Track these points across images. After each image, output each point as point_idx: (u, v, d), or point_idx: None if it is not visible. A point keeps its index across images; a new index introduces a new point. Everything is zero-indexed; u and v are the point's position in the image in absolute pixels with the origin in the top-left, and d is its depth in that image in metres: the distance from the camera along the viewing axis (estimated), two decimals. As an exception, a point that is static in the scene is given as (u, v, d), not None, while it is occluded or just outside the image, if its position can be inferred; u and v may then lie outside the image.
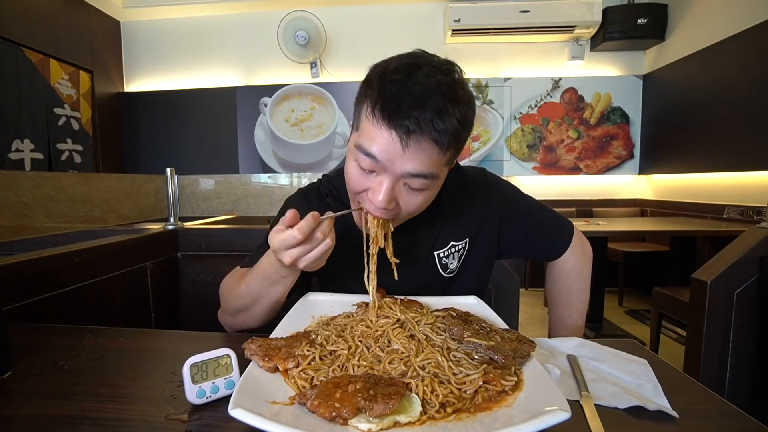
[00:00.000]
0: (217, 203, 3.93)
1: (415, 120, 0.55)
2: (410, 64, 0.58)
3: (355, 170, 0.63)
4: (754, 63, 2.55)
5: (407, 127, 0.55)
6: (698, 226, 2.51)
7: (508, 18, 3.31)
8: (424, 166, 0.58)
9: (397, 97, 0.55)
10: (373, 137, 0.58)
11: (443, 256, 0.79)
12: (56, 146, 3.09)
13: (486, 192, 0.82)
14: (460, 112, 0.57)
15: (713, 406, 0.47)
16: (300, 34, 3.35)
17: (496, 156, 3.74)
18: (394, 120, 0.55)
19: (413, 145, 0.56)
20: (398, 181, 0.60)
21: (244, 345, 0.50)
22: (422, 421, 0.40)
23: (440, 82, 0.56)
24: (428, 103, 0.55)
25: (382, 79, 0.58)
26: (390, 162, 0.58)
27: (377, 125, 0.57)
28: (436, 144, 0.57)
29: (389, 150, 0.57)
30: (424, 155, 0.57)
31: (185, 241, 1.36)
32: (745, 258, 1.23)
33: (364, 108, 0.60)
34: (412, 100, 0.55)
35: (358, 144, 0.60)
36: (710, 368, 1.26)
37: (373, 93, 0.58)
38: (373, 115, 0.57)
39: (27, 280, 0.84)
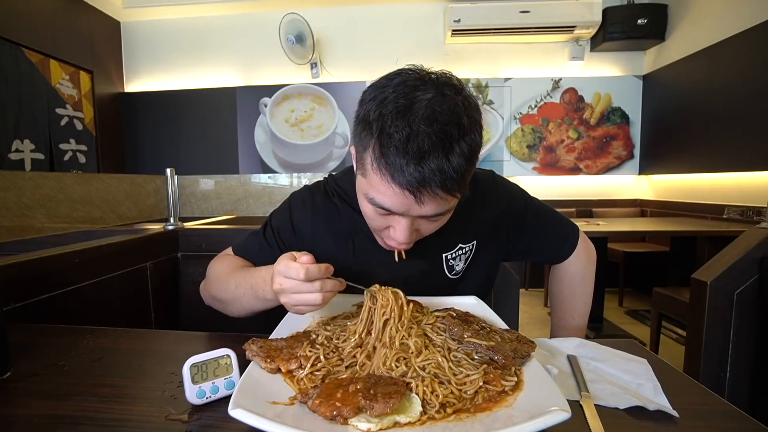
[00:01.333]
0: (217, 203, 3.93)
1: (421, 179, 0.52)
2: (406, 105, 0.53)
3: (371, 212, 0.61)
4: (754, 63, 2.56)
5: (416, 185, 0.53)
6: (698, 226, 2.51)
7: (508, 18, 3.31)
8: (440, 209, 0.58)
9: (400, 152, 0.52)
10: (383, 192, 0.56)
11: (450, 258, 0.78)
12: (59, 146, 3.09)
13: (495, 195, 0.81)
14: (467, 144, 0.54)
15: (713, 406, 0.47)
16: (289, 37, 3.35)
17: (496, 156, 3.74)
18: (403, 178, 0.53)
19: (426, 197, 0.54)
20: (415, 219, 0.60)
21: (245, 346, 0.50)
22: (422, 421, 0.40)
23: (443, 121, 0.52)
24: (434, 151, 0.52)
25: (380, 128, 0.54)
26: (406, 210, 0.57)
27: (385, 182, 0.55)
28: (448, 191, 0.55)
29: (403, 204, 0.56)
30: (438, 201, 0.56)
31: (185, 241, 1.36)
32: (745, 258, 1.23)
33: (368, 157, 0.56)
34: (417, 155, 0.52)
35: (370, 197, 0.58)
36: (710, 368, 1.26)
37: (376, 145, 0.54)
38: (380, 172, 0.55)
39: (27, 280, 0.84)
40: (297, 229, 0.78)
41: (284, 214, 0.80)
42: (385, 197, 0.56)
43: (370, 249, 0.74)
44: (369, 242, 0.73)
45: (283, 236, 0.78)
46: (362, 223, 0.70)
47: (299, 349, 0.51)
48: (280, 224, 0.79)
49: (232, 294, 0.69)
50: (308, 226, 0.77)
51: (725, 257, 1.27)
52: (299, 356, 0.50)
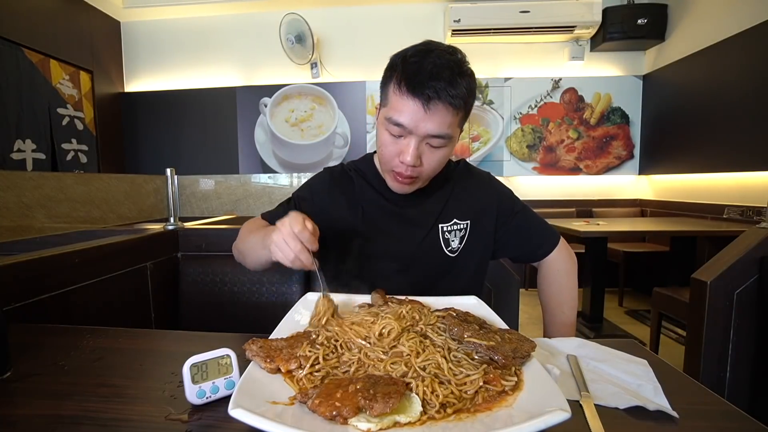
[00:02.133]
0: (217, 203, 3.93)
1: (433, 89, 0.68)
2: (424, 49, 0.72)
3: (387, 138, 0.76)
4: (754, 63, 2.56)
5: (428, 95, 0.69)
6: (698, 226, 2.51)
7: (508, 18, 3.31)
8: (442, 127, 0.71)
9: (417, 73, 0.69)
10: (400, 108, 0.71)
11: (446, 230, 0.88)
12: (61, 146, 3.09)
13: (488, 186, 0.95)
14: (466, 82, 0.72)
15: (713, 406, 0.47)
16: (288, 37, 3.35)
17: (496, 156, 3.74)
18: (417, 91, 0.69)
19: (433, 109, 0.70)
20: (422, 141, 0.73)
21: (245, 346, 0.50)
22: (422, 421, 0.40)
23: (449, 61, 0.71)
24: (442, 75, 0.69)
25: (403, 62, 0.72)
26: (415, 126, 0.71)
27: (403, 98, 0.71)
28: (450, 106, 0.70)
29: (414, 116, 0.70)
30: (441, 116, 0.70)
31: (185, 241, 1.36)
32: (745, 258, 1.23)
33: (391, 86, 0.73)
34: (429, 75, 0.69)
35: (389, 117, 0.73)
36: (710, 368, 1.26)
37: (398, 73, 0.72)
38: (399, 90, 0.71)
39: (27, 280, 0.84)
40: (315, 199, 0.91)
41: (306, 187, 0.94)
42: (401, 112, 0.71)
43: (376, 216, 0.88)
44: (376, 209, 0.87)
45: (302, 206, 0.89)
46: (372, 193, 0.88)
47: (299, 349, 0.51)
48: (301, 195, 0.92)
49: (250, 245, 0.79)
50: (326, 194, 0.91)
51: (725, 257, 1.27)
52: (299, 356, 0.50)
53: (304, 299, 0.72)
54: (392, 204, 0.87)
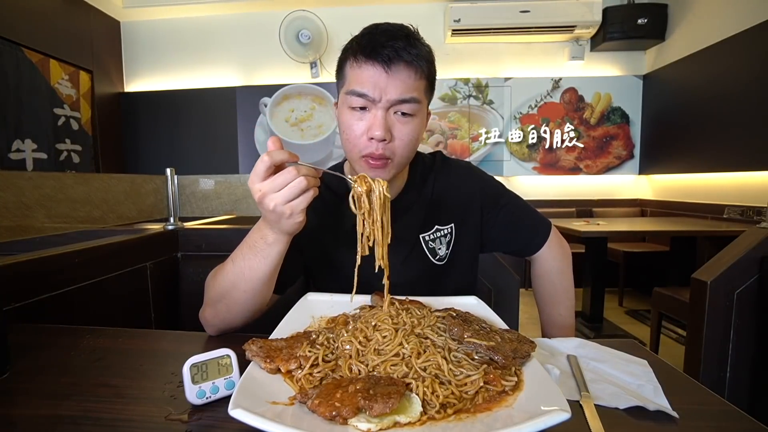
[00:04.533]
0: (217, 203, 3.93)
1: (392, 48, 0.65)
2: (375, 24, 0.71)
3: (350, 117, 0.70)
4: (754, 63, 2.55)
5: (387, 56, 0.65)
6: (698, 226, 2.51)
7: (508, 18, 3.31)
8: (407, 90, 0.67)
9: (372, 38, 0.67)
10: (360, 78, 0.67)
11: (429, 239, 0.82)
12: (55, 146, 3.09)
13: (470, 181, 0.87)
14: (424, 46, 0.70)
15: (713, 406, 0.47)
16: (304, 32, 3.35)
17: (496, 156, 3.74)
18: (374, 54, 0.66)
19: (394, 70, 0.66)
20: (389, 111, 0.68)
21: (245, 346, 0.50)
22: (422, 421, 0.40)
23: (402, 27, 0.69)
24: (398, 35, 0.67)
25: (356, 39, 0.70)
26: (378, 92, 0.66)
27: (362, 65, 0.67)
28: (412, 67, 0.67)
29: (376, 81, 0.66)
30: (404, 78, 0.67)
31: (185, 241, 1.36)
32: (745, 258, 1.23)
33: (347, 63, 0.70)
34: (385, 36, 0.66)
35: (349, 90, 0.69)
36: (710, 368, 1.26)
37: (352, 48, 0.69)
38: (356, 60, 0.68)
39: (27, 280, 0.84)
40: None
41: None
42: (361, 81, 0.67)
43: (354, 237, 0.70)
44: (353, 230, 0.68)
45: None
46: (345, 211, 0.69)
47: (299, 350, 0.51)
48: None
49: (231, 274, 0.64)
50: None
51: (725, 257, 1.27)
52: (299, 356, 0.50)
53: (304, 299, 0.72)
54: None
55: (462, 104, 3.70)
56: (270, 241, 0.61)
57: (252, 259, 0.63)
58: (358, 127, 0.69)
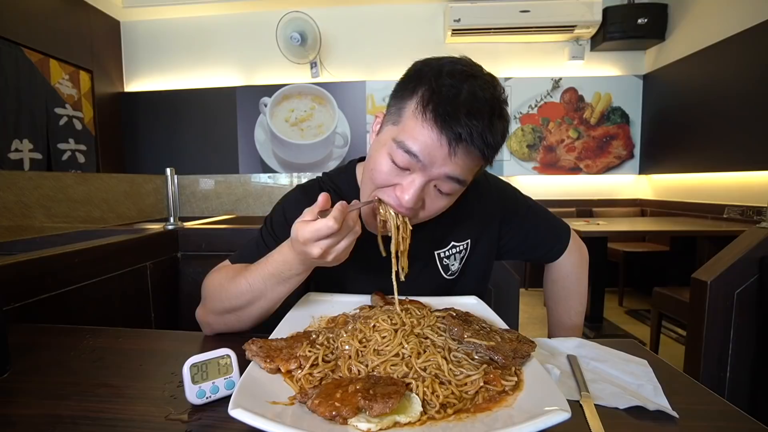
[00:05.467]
0: (217, 203, 3.93)
1: (469, 129, 0.54)
2: (465, 71, 0.58)
3: (387, 165, 0.60)
4: (754, 63, 2.55)
5: (459, 134, 0.55)
6: (698, 226, 2.51)
7: (508, 18, 3.30)
8: (462, 172, 0.59)
9: (453, 101, 0.55)
10: (418, 136, 0.57)
11: (444, 256, 0.78)
12: (57, 146, 3.09)
13: (488, 193, 0.81)
14: (503, 127, 0.59)
15: (713, 406, 0.47)
16: (293, 35, 3.35)
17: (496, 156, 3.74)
18: (447, 124, 0.55)
19: (461, 153, 0.56)
20: (430, 183, 0.60)
21: (245, 346, 0.50)
22: (422, 421, 0.40)
23: (492, 96, 0.57)
24: (483, 114, 0.55)
25: (436, 79, 0.57)
26: (430, 163, 0.57)
27: (426, 125, 0.56)
28: (482, 155, 0.58)
29: (434, 152, 0.56)
30: (466, 163, 0.58)
31: (185, 241, 1.36)
32: (745, 258, 1.23)
33: (412, 104, 0.58)
34: (468, 109, 0.55)
35: (399, 140, 0.58)
36: (710, 368, 1.26)
37: (427, 91, 0.57)
38: (423, 114, 0.56)
39: (27, 280, 0.84)
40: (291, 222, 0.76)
41: (278, 214, 0.78)
42: (418, 141, 0.57)
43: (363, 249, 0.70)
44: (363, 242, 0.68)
45: (279, 232, 0.74)
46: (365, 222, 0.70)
47: (299, 349, 0.51)
48: (276, 221, 0.76)
49: (249, 294, 0.62)
50: None
51: (725, 257, 1.27)
52: (298, 356, 0.50)
53: (304, 299, 0.72)
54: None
55: (462, 104, 3.70)
56: (298, 272, 0.60)
57: (273, 284, 0.61)
58: (390, 179, 0.61)
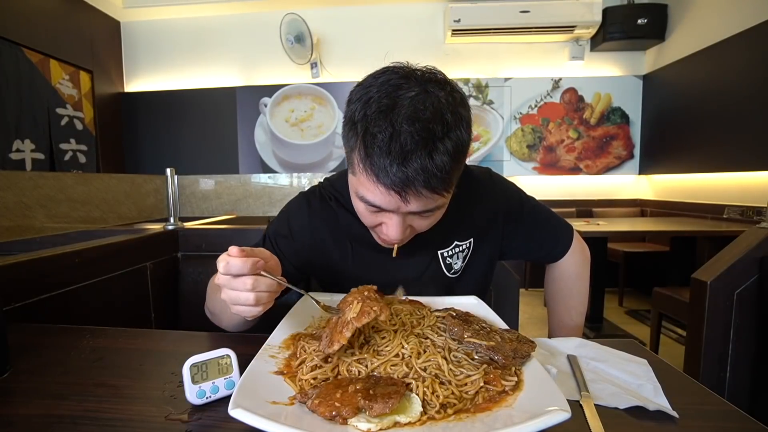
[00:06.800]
0: (217, 203, 3.93)
1: (404, 176, 0.53)
2: (389, 104, 0.53)
3: (363, 209, 0.62)
4: (754, 63, 2.55)
5: (400, 185, 0.53)
6: (698, 226, 2.51)
7: (508, 18, 3.30)
8: (428, 206, 0.58)
9: (382, 154, 0.53)
10: (371, 190, 0.57)
11: (447, 255, 0.78)
12: (59, 146, 3.09)
13: (491, 192, 0.81)
14: (451, 141, 0.54)
15: (713, 406, 0.47)
16: (288, 38, 3.35)
17: (496, 156, 3.74)
18: (386, 180, 0.54)
19: (412, 195, 0.55)
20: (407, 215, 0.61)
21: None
22: (422, 421, 0.40)
23: (426, 119, 0.52)
24: (415, 152, 0.52)
25: (364, 129, 0.54)
26: (396, 208, 0.58)
27: (371, 182, 0.56)
28: (433, 189, 0.55)
29: (390, 202, 0.57)
30: (423, 199, 0.56)
31: (185, 241, 1.36)
32: (745, 258, 1.23)
33: (355, 156, 0.57)
34: (400, 156, 0.52)
35: (360, 195, 0.60)
36: (710, 368, 1.26)
37: (360, 143, 0.55)
38: (365, 171, 0.56)
39: (27, 280, 0.84)
40: (295, 235, 0.77)
41: (282, 222, 0.79)
42: (374, 196, 0.57)
43: (368, 252, 0.74)
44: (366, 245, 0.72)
45: (281, 244, 0.76)
46: (360, 226, 0.71)
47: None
48: (278, 232, 0.78)
49: (219, 304, 0.66)
50: (307, 231, 0.77)
51: (725, 257, 1.27)
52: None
53: (304, 299, 0.72)
54: None
55: (462, 104, 3.70)
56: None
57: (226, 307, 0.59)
58: (372, 219, 0.63)
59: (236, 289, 0.51)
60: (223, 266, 0.50)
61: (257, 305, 0.51)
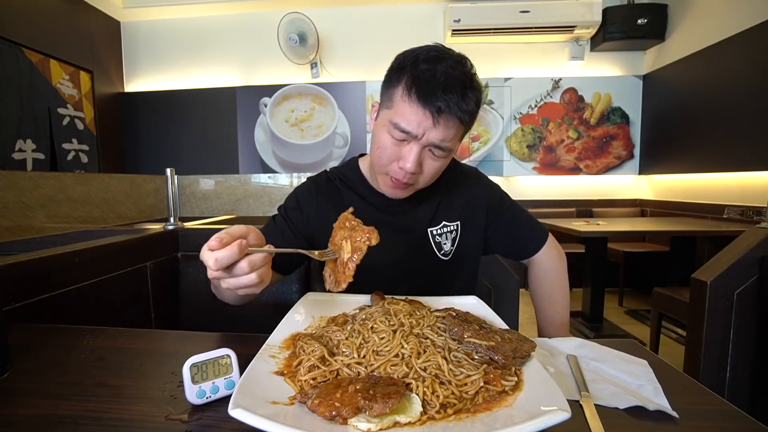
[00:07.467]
0: (217, 203, 3.93)
1: (446, 102, 0.68)
2: (436, 56, 0.71)
3: (387, 141, 0.73)
4: (754, 63, 2.55)
5: (439, 107, 0.68)
6: (698, 226, 2.51)
7: (508, 18, 3.31)
8: (447, 138, 0.71)
9: (429, 83, 0.68)
10: (408, 116, 0.70)
11: (436, 233, 0.87)
12: (62, 146, 3.09)
13: (477, 184, 0.94)
14: (476, 96, 0.72)
15: (713, 406, 0.47)
16: (292, 36, 3.35)
17: (496, 156, 3.74)
18: (429, 101, 0.68)
19: (442, 121, 0.69)
20: (424, 149, 0.72)
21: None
22: (422, 421, 0.40)
23: (462, 73, 0.70)
24: (455, 89, 0.68)
25: (414, 67, 0.70)
26: (421, 134, 0.70)
27: (413, 106, 0.69)
28: (459, 121, 0.70)
29: (422, 125, 0.69)
30: (449, 129, 0.70)
31: (185, 241, 1.36)
32: (745, 258, 1.23)
33: (399, 90, 0.71)
34: (443, 86, 0.68)
35: (394, 122, 0.71)
36: (710, 368, 1.26)
37: (409, 78, 0.70)
38: (409, 97, 0.69)
39: (27, 280, 0.84)
40: (303, 207, 0.87)
41: (291, 198, 0.91)
42: (411, 118, 0.70)
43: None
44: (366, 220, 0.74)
45: (290, 215, 0.86)
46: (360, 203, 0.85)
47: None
48: (287, 206, 0.89)
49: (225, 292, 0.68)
50: (312, 204, 0.87)
51: (725, 257, 1.27)
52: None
53: (304, 299, 0.72)
54: (382, 213, 0.86)
55: (462, 104, 3.70)
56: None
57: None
58: (392, 152, 0.74)
59: (235, 276, 0.51)
60: (214, 263, 0.49)
61: (261, 282, 0.53)
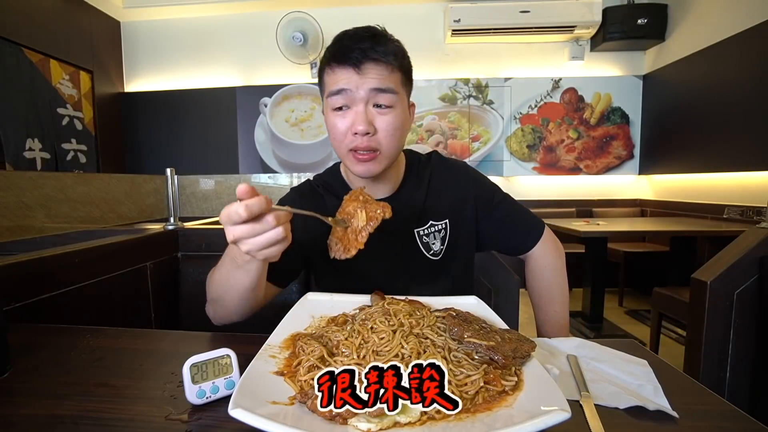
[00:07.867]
0: (217, 203, 3.93)
1: (360, 51, 0.70)
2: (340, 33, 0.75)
3: (333, 116, 0.75)
4: (754, 63, 2.55)
5: (356, 58, 0.70)
6: (698, 226, 2.51)
7: (508, 18, 3.30)
8: (380, 82, 0.71)
9: (340, 45, 0.72)
10: (335, 80, 0.73)
11: (423, 234, 0.85)
12: (62, 146, 3.10)
13: (465, 179, 0.90)
14: (393, 42, 0.74)
15: (713, 406, 0.47)
16: (296, 35, 3.35)
17: (496, 156, 3.74)
18: (345, 56, 0.71)
19: (366, 69, 0.71)
20: (368, 105, 0.73)
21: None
22: (422, 421, 0.40)
23: (368, 29, 0.74)
24: (364, 37, 0.71)
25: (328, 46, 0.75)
26: (354, 88, 0.71)
27: (335, 70, 0.72)
28: (381, 63, 0.71)
29: (350, 80, 0.71)
30: (376, 74, 0.71)
31: (185, 241, 1.36)
32: (745, 258, 1.23)
33: (324, 72, 0.76)
34: (352, 41, 0.71)
35: (328, 92, 0.74)
36: (710, 368, 1.26)
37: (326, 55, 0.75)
38: (330, 67, 0.73)
39: (27, 280, 0.84)
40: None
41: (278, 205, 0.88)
42: (336, 82, 0.72)
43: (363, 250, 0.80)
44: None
45: None
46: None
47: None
48: None
49: (220, 281, 0.67)
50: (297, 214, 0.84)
51: (725, 257, 1.27)
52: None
53: (304, 299, 0.72)
54: None
55: (462, 104, 3.70)
56: (246, 258, 0.59)
57: (234, 271, 0.63)
58: (342, 123, 0.74)
59: (263, 232, 0.51)
60: (244, 209, 0.48)
61: (285, 239, 0.53)
